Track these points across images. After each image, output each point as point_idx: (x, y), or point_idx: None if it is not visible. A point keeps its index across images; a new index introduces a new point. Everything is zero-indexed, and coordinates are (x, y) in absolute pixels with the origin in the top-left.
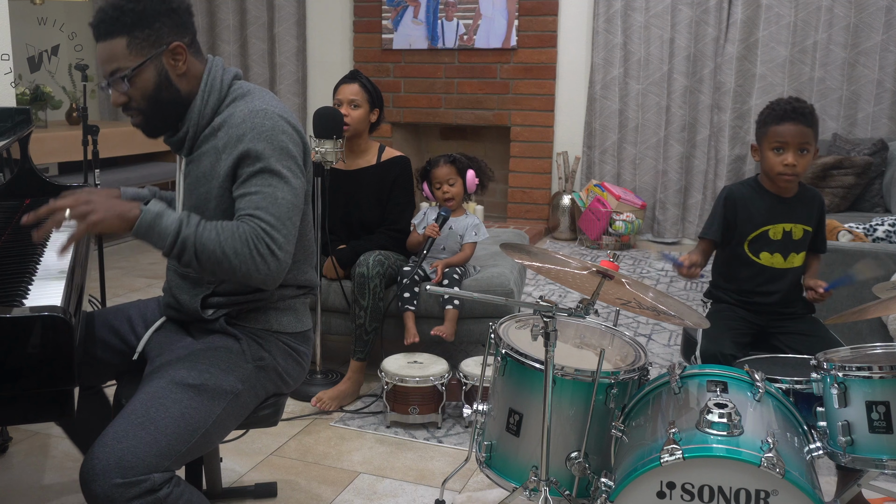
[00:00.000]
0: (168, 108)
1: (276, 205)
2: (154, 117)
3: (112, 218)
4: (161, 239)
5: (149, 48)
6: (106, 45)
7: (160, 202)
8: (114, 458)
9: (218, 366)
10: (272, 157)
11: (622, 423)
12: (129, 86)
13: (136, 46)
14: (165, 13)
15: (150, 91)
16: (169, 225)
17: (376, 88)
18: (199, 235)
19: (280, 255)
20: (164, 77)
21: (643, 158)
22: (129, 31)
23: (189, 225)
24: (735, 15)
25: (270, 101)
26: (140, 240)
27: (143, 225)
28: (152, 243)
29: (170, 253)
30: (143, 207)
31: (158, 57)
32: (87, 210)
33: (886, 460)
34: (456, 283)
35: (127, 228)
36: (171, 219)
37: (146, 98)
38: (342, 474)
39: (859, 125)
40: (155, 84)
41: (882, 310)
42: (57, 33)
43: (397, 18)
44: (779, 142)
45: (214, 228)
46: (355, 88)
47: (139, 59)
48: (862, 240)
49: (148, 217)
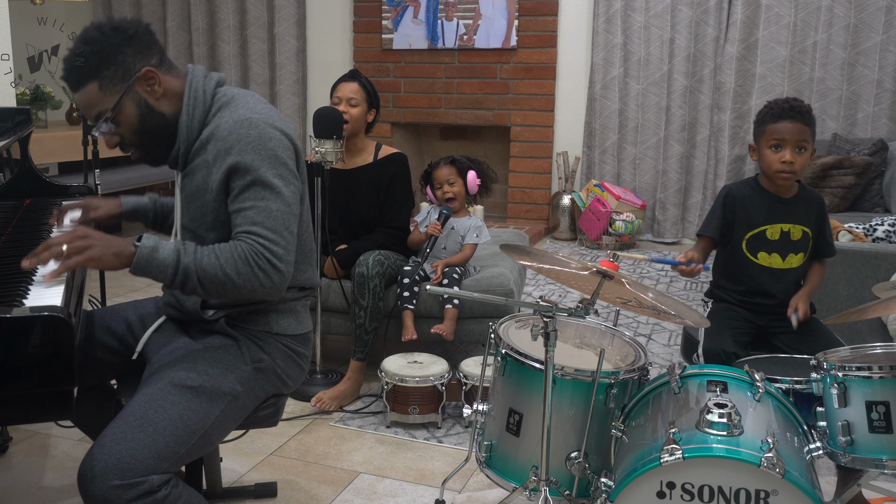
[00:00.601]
0: (158, 134)
1: (271, 217)
2: (149, 147)
3: (108, 256)
4: (161, 272)
5: (120, 83)
6: (81, 95)
7: (153, 237)
8: (112, 459)
9: (217, 367)
10: (262, 168)
11: (622, 423)
12: (116, 125)
13: (108, 86)
14: (125, 42)
15: (136, 124)
16: (167, 257)
17: (374, 89)
18: (198, 262)
19: (282, 267)
20: (145, 105)
21: (643, 158)
22: (97, 74)
23: (187, 253)
24: (735, 15)
25: (256, 108)
26: (139, 275)
27: (141, 261)
28: (152, 277)
29: (172, 283)
30: (137, 244)
31: (132, 88)
32: (85, 245)
33: (886, 460)
34: (456, 282)
35: (122, 265)
36: (168, 250)
37: (134, 132)
38: (342, 474)
39: (859, 125)
40: (138, 115)
41: (882, 310)
42: (57, 33)
43: (397, 18)
44: (776, 139)
45: (213, 252)
46: (355, 87)
47: (115, 97)
48: (862, 240)
49: (145, 252)
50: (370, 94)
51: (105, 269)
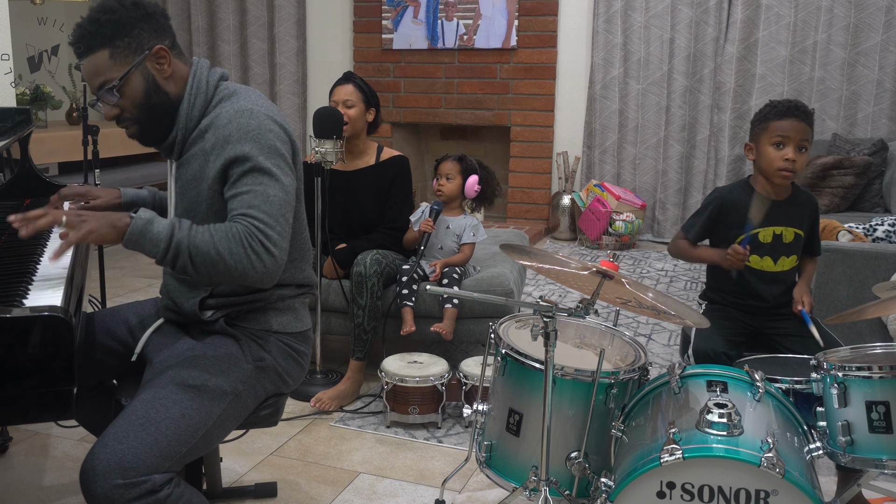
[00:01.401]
0: (160, 113)
1: (268, 202)
2: (148, 124)
3: (106, 227)
4: (154, 245)
5: (132, 55)
6: (89, 61)
7: (149, 210)
8: (114, 458)
9: (218, 366)
10: (261, 156)
11: (622, 423)
12: (119, 96)
13: (119, 56)
14: (142, 18)
15: (140, 98)
16: (161, 231)
17: (371, 89)
18: (192, 238)
19: (275, 252)
20: (152, 82)
21: (643, 158)
22: (110, 42)
23: (181, 229)
24: (735, 15)
25: (257, 101)
26: (132, 248)
27: (135, 232)
28: (145, 251)
29: (163, 259)
30: (132, 215)
31: (143, 63)
32: (80, 220)
33: (886, 460)
34: (456, 282)
35: (119, 237)
36: (163, 224)
37: (137, 106)
38: (342, 474)
39: (859, 125)
40: (144, 90)
41: (882, 310)
42: (57, 33)
43: (397, 18)
44: (780, 136)
45: (207, 230)
46: (349, 89)
47: (124, 68)
48: (862, 240)
49: (139, 224)
50: (366, 93)
51: (104, 243)
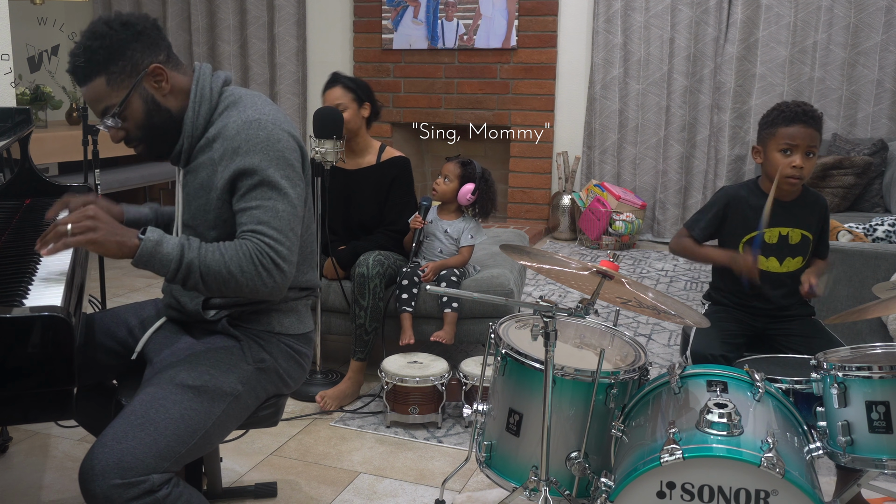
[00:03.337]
0: (164, 130)
1: (277, 218)
2: (154, 142)
3: (111, 242)
4: (163, 266)
5: (128, 78)
6: (88, 89)
7: (157, 230)
8: (113, 458)
9: (218, 367)
10: (270, 169)
11: (622, 423)
12: (122, 120)
13: (116, 81)
14: (134, 38)
15: (142, 119)
16: (170, 251)
17: (360, 83)
18: (202, 258)
19: (285, 268)
20: (152, 102)
21: (643, 158)
22: (105, 69)
23: (191, 249)
24: (735, 15)
25: (263, 109)
26: (141, 268)
27: (145, 254)
28: (154, 271)
29: (174, 278)
30: (141, 237)
31: (140, 84)
32: (90, 226)
33: (886, 460)
34: (455, 285)
35: (125, 256)
36: (172, 245)
37: (140, 127)
38: (342, 474)
39: (859, 125)
40: (145, 112)
41: (882, 310)
42: (57, 33)
43: (397, 18)
44: (788, 143)
45: (217, 249)
46: (338, 92)
47: (123, 92)
48: (862, 240)
49: (149, 246)
50: (355, 91)
51: (105, 255)
